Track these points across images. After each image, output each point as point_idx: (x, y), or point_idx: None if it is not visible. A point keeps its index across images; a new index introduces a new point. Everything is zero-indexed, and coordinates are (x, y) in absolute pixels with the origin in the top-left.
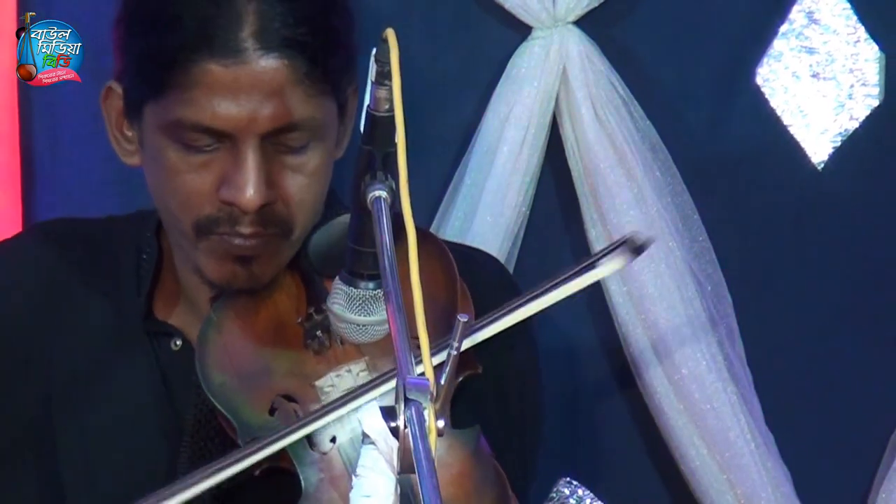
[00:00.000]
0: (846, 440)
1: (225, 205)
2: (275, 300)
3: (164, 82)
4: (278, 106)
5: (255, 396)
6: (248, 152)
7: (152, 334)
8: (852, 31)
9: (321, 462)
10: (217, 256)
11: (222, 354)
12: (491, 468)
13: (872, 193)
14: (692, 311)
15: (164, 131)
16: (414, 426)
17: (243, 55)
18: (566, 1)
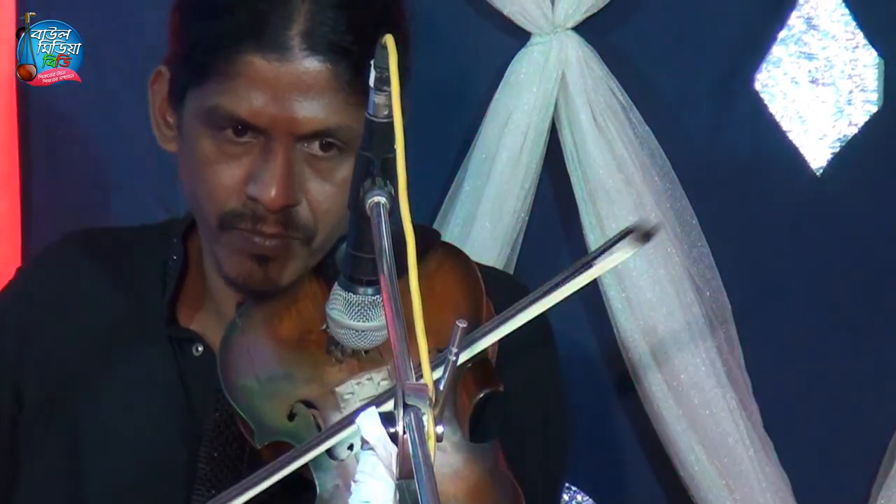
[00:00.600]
0: (845, 446)
1: (250, 201)
2: (299, 307)
3: (207, 69)
4: (317, 109)
5: (276, 402)
6: (279, 151)
7: (174, 340)
8: (851, 36)
9: (338, 468)
10: (236, 252)
11: (245, 359)
12: (510, 486)
13: (872, 199)
14: (691, 316)
15: (201, 118)
16: (413, 432)
17: (289, 53)
18: (565, 7)
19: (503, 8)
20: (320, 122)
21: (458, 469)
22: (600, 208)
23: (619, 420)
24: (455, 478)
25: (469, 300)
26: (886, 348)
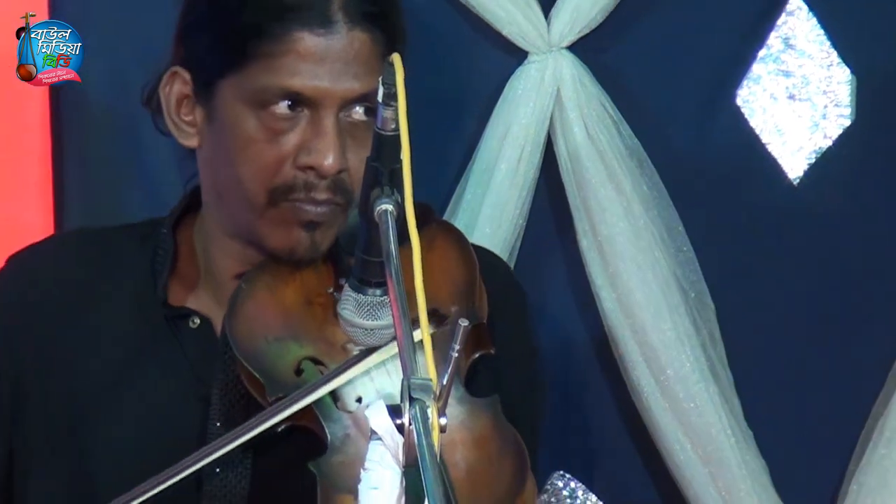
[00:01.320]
0: (819, 436)
1: (302, 171)
2: (301, 274)
3: (251, 52)
4: (360, 76)
5: (284, 358)
6: (329, 119)
7: (170, 318)
8: (826, 55)
9: (347, 419)
10: (286, 224)
11: (253, 320)
12: (510, 434)
13: (845, 207)
14: (677, 316)
15: (246, 101)
16: (418, 423)
17: (335, 27)
18: (560, 28)
19: (502, 28)
20: (363, 87)
21: (463, 420)
22: (592, 215)
23: (610, 412)
24: (461, 428)
25: (463, 269)
26: (858, 345)
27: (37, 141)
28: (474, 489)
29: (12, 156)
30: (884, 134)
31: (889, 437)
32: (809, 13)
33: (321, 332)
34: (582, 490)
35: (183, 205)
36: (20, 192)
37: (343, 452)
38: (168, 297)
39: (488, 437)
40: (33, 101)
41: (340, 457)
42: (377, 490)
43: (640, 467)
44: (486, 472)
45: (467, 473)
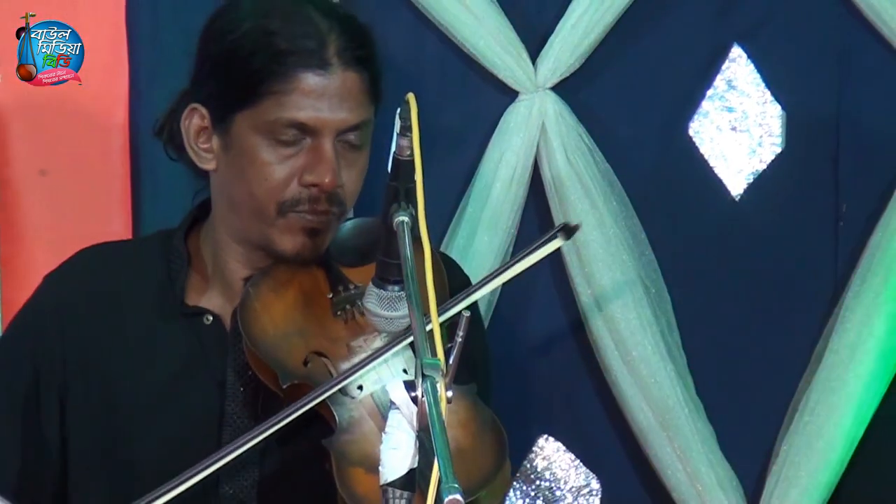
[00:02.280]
0: (757, 406)
1: (307, 188)
2: (299, 279)
3: (263, 92)
4: (352, 108)
5: (292, 351)
6: (327, 145)
7: (186, 316)
8: (761, 94)
9: (351, 404)
10: (292, 231)
11: (261, 318)
12: (489, 415)
13: (777, 219)
14: (640, 308)
15: (259, 131)
16: (429, 395)
17: (331, 69)
18: (544, 72)
19: (497, 72)
20: (355, 118)
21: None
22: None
23: (585, 386)
24: (449, 411)
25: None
26: (788, 333)
27: (118, 163)
28: (464, 464)
29: (98, 173)
30: (807, 159)
31: (812, 407)
32: (748, 61)
33: (323, 329)
34: (563, 450)
35: (191, 217)
36: (104, 194)
37: (351, 432)
38: (185, 298)
39: (471, 418)
40: (116, 129)
41: (348, 436)
42: (396, 450)
43: (611, 432)
44: (472, 448)
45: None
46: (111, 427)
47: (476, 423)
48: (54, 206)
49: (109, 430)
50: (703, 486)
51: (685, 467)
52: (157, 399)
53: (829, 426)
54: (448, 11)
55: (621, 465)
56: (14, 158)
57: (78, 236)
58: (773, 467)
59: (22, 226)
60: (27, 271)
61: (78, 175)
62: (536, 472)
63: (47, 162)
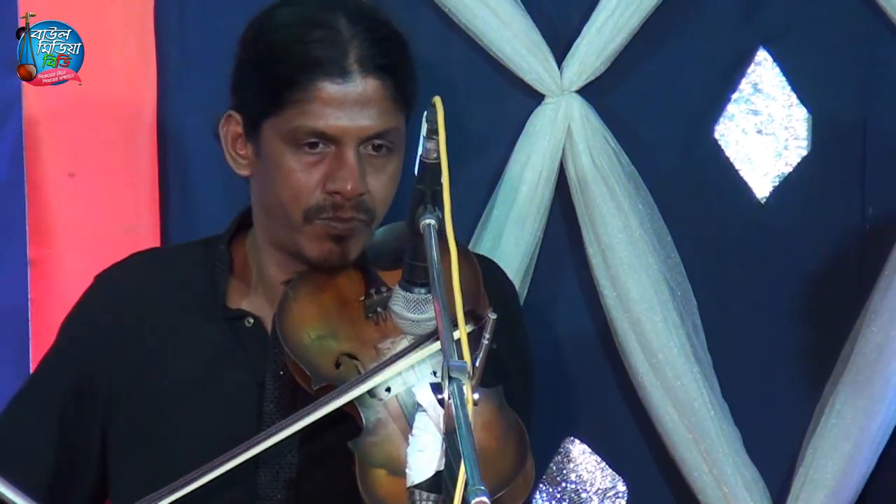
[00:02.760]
0: (783, 408)
1: (330, 195)
2: (337, 283)
3: (285, 100)
4: (374, 116)
5: (325, 354)
6: (350, 153)
7: (229, 318)
8: (787, 98)
9: (379, 406)
10: (318, 238)
11: (297, 320)
12: (513, 419)
13: (802, 221)
14: (666, 310)
15: (283, 139)
16: (455, 398)
17: (351, 76)
18: (570, 76)
19: (524, 76)
20: (378, 126)
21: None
22: (597, 228)
23: (611, 388)
24: (473, 412)
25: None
26: (814, 335)
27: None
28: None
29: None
30: (833, 162)
31: (839, 410)
32: (774, 64)
33: (356, 332)
34: (588, 452)
35: (235, 224)
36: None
37: (375, 434)
38: (227, 302)
39: (495, 421)
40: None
41: (373, 437)
42: (422, 452)
43: (637, 434)
44: (494, 450)
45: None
46: (152, 425)
47: (500, 426)
48: (83, 208)
49: (150, 429)
50: (729, 488)
51: (711, 469)
52: (197, 398)
53: (855, 428)
54: (474, 15)
55: (647, 468)
56: (43, 160)
57: (106, 238)
58: (799, 469)
59: (51, 227)
60: (56, 273)
61: (106, 177)
62: (562, 473)
63: (76, 164)
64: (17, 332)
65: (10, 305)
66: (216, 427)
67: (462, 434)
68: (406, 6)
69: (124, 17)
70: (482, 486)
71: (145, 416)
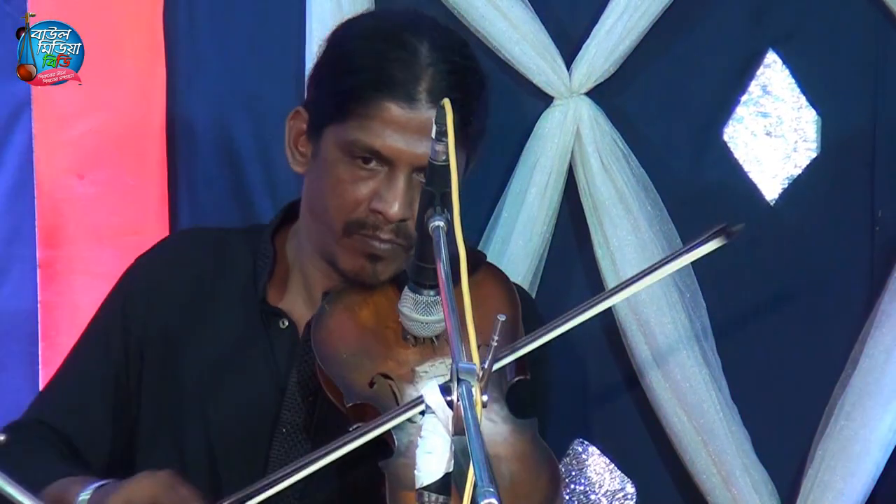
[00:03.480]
0: (792, 410)
1: (373, 213)
2: (375, 301)
3: (350, 111)
4: None
5: (359, 372)
6: (400, 177)
7: (265, 314)
8: (796, 100)
9: (412, 429)
10: (354, 252)
11: (333, 336)
12: (546, 450)
13: (812, 223)
14: (675, 312)
15: (340, 148)
16: (464, 400)
17: (417, 104)
18: (579, 78)
19: (533, 78)
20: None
21: (507, 437)
22: (606, 230)
23: (620, 390)
24: (505, 443)
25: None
26: (823, 337)
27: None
28: (517, 497)
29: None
30: (842, 164)
31: (848, 412)
32: (783, 66)
33: (392, 353)
34: (598, 454)
35: (281, 216)
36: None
37: (407, 456)
38: (266, 297)
39: (528, 453)
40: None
41: (405, 459)
42: (431, 454)
43: (646, 436)
44: (526, 482)
45: (511, 483)
46: (172, 407)
47: (533, 459)
48: (92, 210)
49: (170, 411)
50: (738, 490)
51: (720, 471)
52: (217, 389)
53: (864, 430)
54: (483, 17)
55: (656, 470)
56: (52, 162)
57: (115, 240)
58: (808, 471)
59: (60, 229)
60: (65, 274)
61: (115, 179)
62: (571, 476)
63: (85, 166)
64: (27, 334)
65: (19, 307)
66: (230, 424)
67: (471, 436)
68: (416, 7)
69: (133, 18)
70: (491, 488)
71: (168, 398)
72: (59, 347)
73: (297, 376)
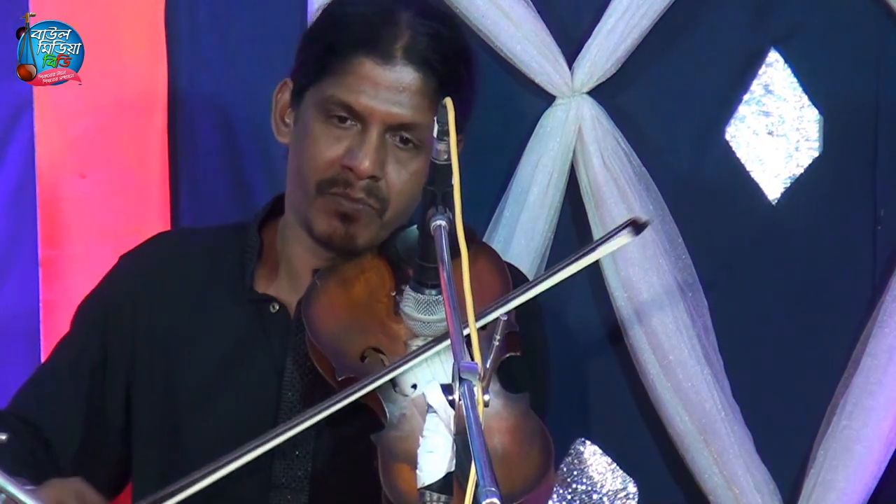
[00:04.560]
0: (794, 410)
1: (344, 170)
2: (367, 276)
3: (328, 68)
4: (405, 106)
5: (351, 345)
6: (373, 134)
7: (255, 302)
8: (798, 99)
9: (404, 402)
10: (326, 212)
11: (325, 311)
12: (537, 424)
13: (814, 222)
14: (677, 312)
15: (317, 107)
16: (466, 399)
17: (392, 60)
18: (581, 77)
19: (535, 77)
20: (407, 117)
21: (500, 411)
22: (608, 229)
23: (622, 390)
24: (497, 418)
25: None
26: (824, 336)
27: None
28: (510, 469)
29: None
30: (844, 163)
31: (850, 411)
32: (785, 65)
33: (383, 327)
34: (600, 454)
35: (267, 209)
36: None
37: (399, 429)
38: (254, 285)
39: (520, 426)
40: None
41: (397, 432)
42: (432, 453)
43: (648, 436)
44: (519, 454)
45: (503, 456)
46: (171, 404)
47: (524, 432)
48: (94, 209)
49: (169, 407)
50: (740, 489)
51: (722, 471)
52: (216, 381)
53: (866, 430)
54: (485, 16)
55: (658, 469)
56: (54, 161)
57: (117, 238)
58: (810, 471)
59: (62, 228)
60: (67, 273)
61: (117, 178)
62: (573, 475)
63: (87, 165)
64: (28, 333)
65: (21, 306)
66: (234, 411)
67: (472, 435)
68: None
69: (135, 17)
70: (493, 487)
71: (165, 395)
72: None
73: (293, 356)
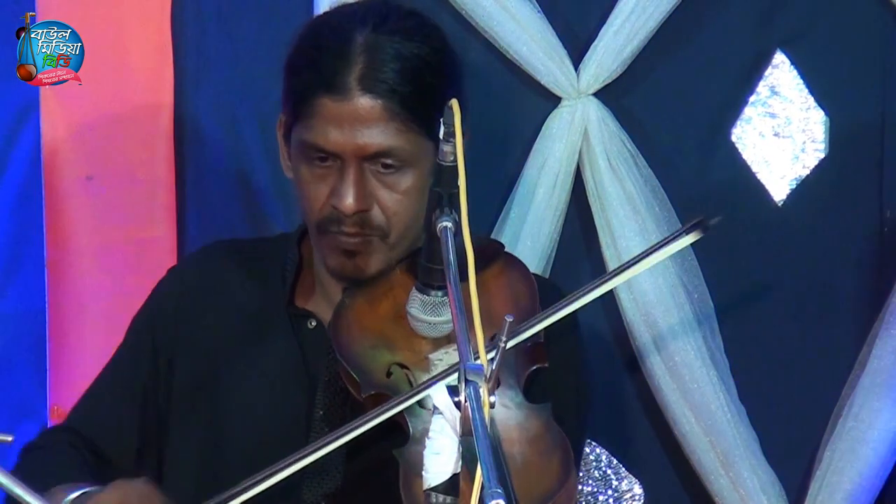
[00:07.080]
0: (800, 411)
1: (334, 210)
2: (394, 293)
3: (297, 112)
4: (373, 135)
5: (376, 362)
6: (350, 170)
7: (293, 316)
8: (804, 100)
9: (427, 416)
10: (330, 249)
11: (351, 328)
12: (558, 435)
13: (820, 224)
14: (682, 313)
15: (297, 150)
16: (472, 401)
17: (349, 93)
18: (587, 78)
19: (540, 79)
20: (378, 145)
21: (521, 422)
22: (614, 231)
23: (628, 391)
24: (519, 428)
25: (526, 296)
26: (831, 338)
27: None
28: (529, 478)
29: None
30: (850, 164)
31: (856, 413)
32: (791, 67)
33: (408, 343)
34: (606, 455)
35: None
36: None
37: (422, 443)
38: (294, 300)
39: (541, 437)
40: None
41: (419, 447)
42: (439, 455)
43: (654, 437)
44: (538, 464)
45: (523, 465)
46: (206, 413)
47: (545, 442)
48: (100, 211)
49: (204, 416)
50: (746, 491)
51: (728, 472)
52: (251, 394)
53: (872, 431)
54: (491, 18)
55: (664, 470)
56: (60, 164)
57: (123, 241)
58: (816, 473)
59: (68, 230)
60: (73, 275)
61: (123, 180)
62: (579, 476)
63: (93, 167)
64: (35, 334)
65: (27, 307)
66: (265, 425)
67: (478, 437)
68: (424, 9)
69: (141, 19)
70: (499, 489)
71: (200, 406)
72: (67, 347)
73: (327, 373)
